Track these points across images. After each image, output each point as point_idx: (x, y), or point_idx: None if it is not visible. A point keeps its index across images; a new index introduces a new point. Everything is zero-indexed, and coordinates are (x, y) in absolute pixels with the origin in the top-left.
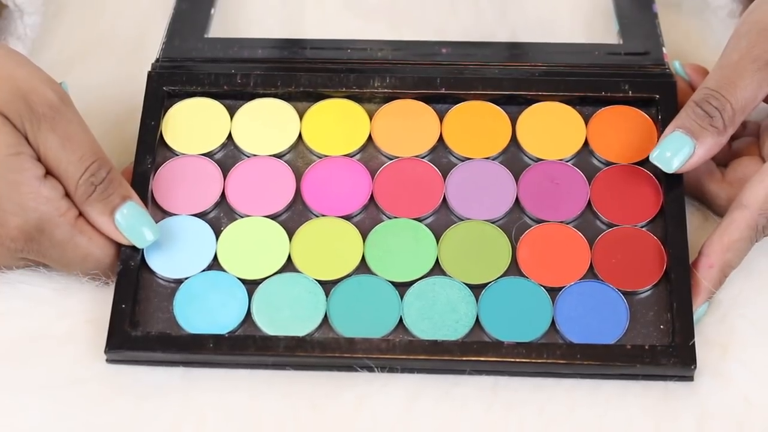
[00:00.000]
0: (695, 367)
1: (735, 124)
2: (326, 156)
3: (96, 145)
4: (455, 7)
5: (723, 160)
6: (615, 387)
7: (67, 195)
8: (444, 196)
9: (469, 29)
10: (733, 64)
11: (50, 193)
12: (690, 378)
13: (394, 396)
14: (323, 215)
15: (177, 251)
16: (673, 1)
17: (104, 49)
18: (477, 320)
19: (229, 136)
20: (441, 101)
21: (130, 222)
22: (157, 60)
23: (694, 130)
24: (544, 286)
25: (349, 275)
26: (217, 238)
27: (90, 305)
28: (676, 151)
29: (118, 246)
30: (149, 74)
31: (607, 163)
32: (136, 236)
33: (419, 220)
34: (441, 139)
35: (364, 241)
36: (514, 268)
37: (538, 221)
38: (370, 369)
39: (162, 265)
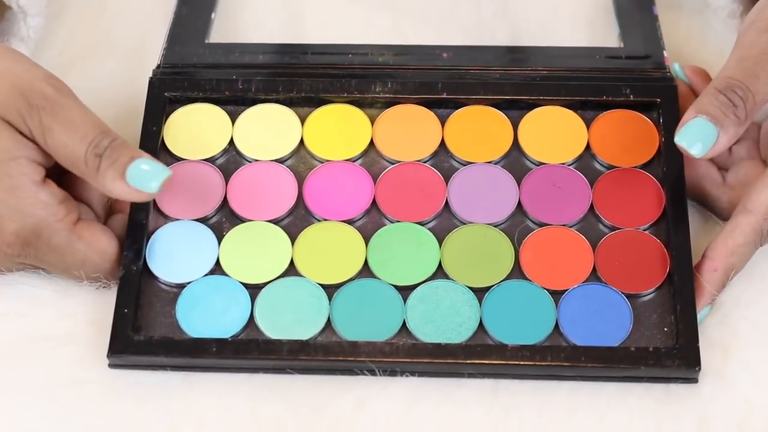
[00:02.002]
0: (699, 369)
1: (752, 117)
2: (328, 161)
3: (98, 121)
4: (455, 11)
5: (723, 163)
6: (616, 389)
7: (66, 200)
8: (446, 200)
9: (470, 32)
10: (754, 57)
11: (48, 198)
12: (694, 380)
13: (394, 399)
14: (325, 219)
15: (179, 256)
16: (674, 1)
17: (105, 50)
18: (480, 323)
19: (231, 142)
20: (442, 106)
21: (139, 169)
22: (158, 66)
23: (718, 117)
24: (547, 289)
25: (352, 279)
26: (219, 243)
27: (90, 306)
28: (701, 137)
29: (118, 250)
30: (150, 80)
31: (609, 167)
32: (148, 182)
33: (421, 224)
34: (443, 143)
35: (366, 245)
36: (517, 272)
37: (541, 225)
38: (373, 373)
39: (164, 269)
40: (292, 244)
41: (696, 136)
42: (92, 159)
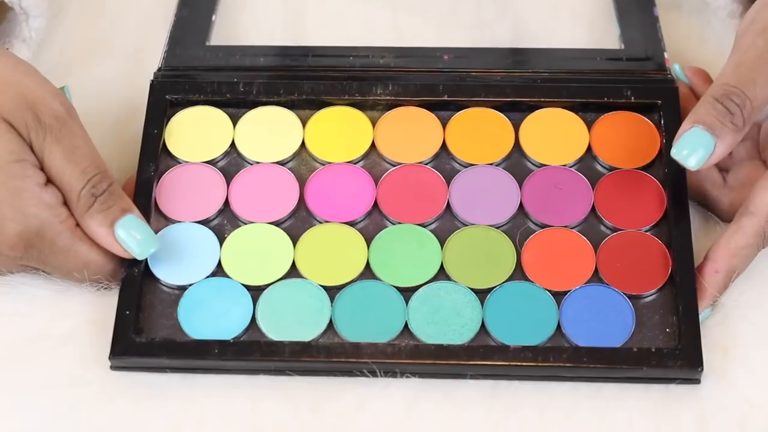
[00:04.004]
0: (702, 369)
1: (750, 122)
2: (329, 163)
3: (99, 158)
4: (456, 11)
5: (724, 164)
6: (616, 389)
7: (67, 204)
8: (448, 201)
9: (471, 33)
10: (751, 62)
11: (51, 199)
12: (697, 380)
13: (395, 399)
14: (327, 221)
15: (181, 258)
16: (673, 1)
17: (105, 51)
18: (482, 325)
19: (232, 144)
20: (444, 108)
21: (130, 234)
22: (159, 69)
23: (714, 126)
24: (549, 291)
25: (353, 281)
26: (220, 245)
27: (91, 307)
28: (697, 147)
29: None
30: (151, 83)
31: (611, 169)
32: (135, 248)
33: (423, 225)
34: (444, 145)
35: (368, 247)
36: (519, 273)
37: (543, 226)
38: (375, 374)
39: (166, 272)
40: (294, 246)
41: (693, 147)
42: (87, 197)
